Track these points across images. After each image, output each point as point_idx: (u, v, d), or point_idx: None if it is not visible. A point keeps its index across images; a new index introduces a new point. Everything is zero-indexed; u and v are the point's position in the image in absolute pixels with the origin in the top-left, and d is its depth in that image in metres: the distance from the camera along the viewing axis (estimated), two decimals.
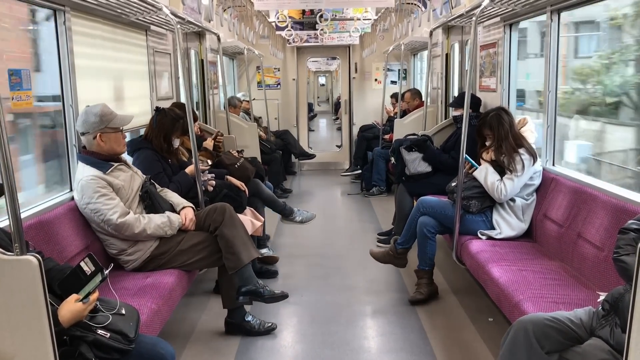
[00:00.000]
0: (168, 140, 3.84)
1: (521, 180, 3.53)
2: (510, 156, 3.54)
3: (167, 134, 3.82)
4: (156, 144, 3.80)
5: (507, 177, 3.54)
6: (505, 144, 3.60)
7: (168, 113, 3.86)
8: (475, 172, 3.69)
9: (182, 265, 3.18)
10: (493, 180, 3.57)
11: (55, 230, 2.75)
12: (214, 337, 3.41)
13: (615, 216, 2.72)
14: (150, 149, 3.77)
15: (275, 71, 9.72)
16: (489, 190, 3.59)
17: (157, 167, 3.70)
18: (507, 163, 3.55)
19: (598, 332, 2.02)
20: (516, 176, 3.51)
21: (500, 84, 4.56)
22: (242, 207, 4.08)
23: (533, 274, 2.95)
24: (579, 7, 3.60)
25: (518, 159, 3.52)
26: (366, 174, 7.59)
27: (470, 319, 3.56)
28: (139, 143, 3.86)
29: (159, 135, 3.83)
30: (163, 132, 3.82)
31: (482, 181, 3.62)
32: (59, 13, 3.14)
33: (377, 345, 3.33)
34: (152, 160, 3.71)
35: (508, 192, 3.53)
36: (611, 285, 2.38)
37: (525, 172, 3.51)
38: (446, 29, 5.99)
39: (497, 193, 3.55)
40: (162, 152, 3.82)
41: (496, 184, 3.55)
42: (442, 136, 5.13)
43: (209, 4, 5.92)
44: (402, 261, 4.02)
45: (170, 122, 3.81)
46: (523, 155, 3.52)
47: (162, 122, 3.82)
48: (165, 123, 3.82)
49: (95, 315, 2.00)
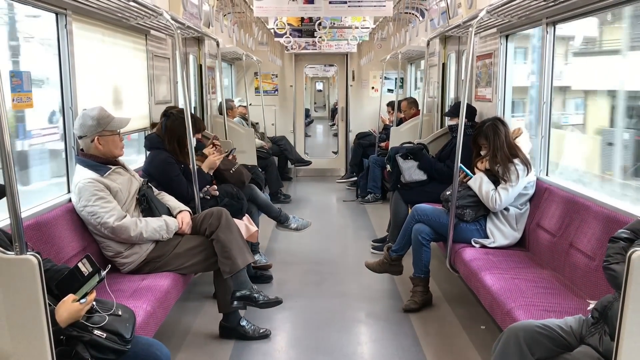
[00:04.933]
0: (182, 143, 3.87)
1: (515, 190, 3.56)
2: (505, 166, 3.58)
3: (181, 137, 3.85)
4: (170, 148, 3.83)
5: (501, 187, 3.58)
6: (500, 153, 3.63)
7: (177, 116, 3.89)
8: (470, 182, 3.73)
9: (177, 269, 3.19)
10: (487, 190, 3.60)
11: (53, 232, 2.77)
12: (208, 340, 3.42)
13: (606, 226, 2.75)
14: (166, 150, 3.81)
15: (273, 77, 9.77)
16: (484, 200, 3.62)
17: (175, 169, 3.73)
18: (501, 173, 3.58)
19: (587, 339, 2.05)
20: (510, 186, 3.55)
21: (496, 94, 4.61)
22: (242, 214, 4.11)
23: (525, 282, 2.98)
24: (575, 19, 3.66)
25: (512, 169, 3.55)
26: (362, 181, 7.62)
27: (462, 327, 3.58)
28: (157, 142, 3.88)
29: (172, 139, 3.86)
30: (176, 136, 3.86)
31: (476, 190, 3.66)
32: (61, 17, 3.17)
33: (370, 351, 3.36)
34: (169, 162, 3.75)
35: (502, 201, 3.57)
36: (602, 294, 2.41)
37: (520, 182, 3.55)
38: (443, 39, 6.05)
39: (492, 202, 3.59)
40: (176, 155, 3.86)
41: (490, 194, 3.59)
42: (437, 145, 5.17)
43: (209, 9, 5.96)
44: (397, 268, 4.04)
45: (181, 124, 3.81)
46: (517, 166, 3.56)
47: (172, 126, 3.86)
48: (175, 127, 3.85)
49: (92, 316, 2.02)
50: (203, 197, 3.89)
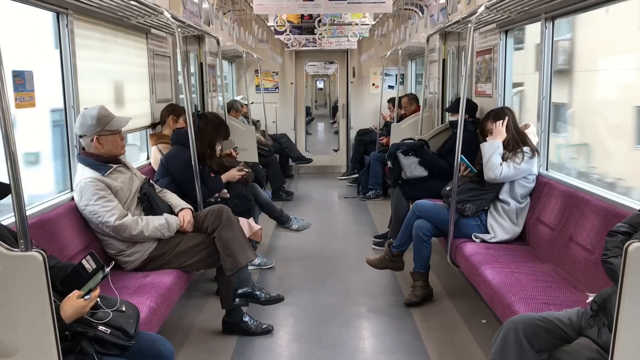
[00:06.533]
0: (212, 146, 3.93)
1: (518, 170, 3.57)
2: (513, 150, 3.62)
3: (212, 141, 3.93)
4: (199, 148, 3.83)
5: (505, 163, 3.60)
6: (508, 135, 3.68)
7: (210, 119, 3.94)
8: (486, 144, 3.71)
9: (180, 267, 3.22)
10: (496, 161, 3.59)
11: (56, 230, 2.80)
12: (211, 336, 3.45)
13: (606, 220, 2.77)
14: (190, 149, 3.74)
15: (274, 75, 9.78)
16: (487, 166, 3.62)
17: (190, 173, 3.70)
18: (509, 153, 3.62)
19: (586, 331, 2.07)
20: (514, 165, 3.57)
21: (496, 90, 4.62)
22: (250, 214, 4.14)
23: (525, 276, 3.00)
24: (573, 14, 3.67)
25: (520, 153, 3.58)
26: (363, 177, 7.64)
27: (463, 321, 3.61)
28: (184, 139, 3.78)
29: (203, 140, 3.90)
30: (207, 139, 3.92)
31: (487, 154, 3.64)
32: (62, 16, 3.19)
33: (372, 345, 3.38)
34: (189, 163, 3.69)
35: (502, 174, 3.57)
36: (601, 287, 2.43)
37: (523, 164, 3.56)
38: (443, 35, 6.05)
39: (493, 171, 3.58)
40: (204, 157, 3.89)
41: (497, 164, 3.58)
42: (438, 141, 5.18)
43: (209, 7, 5.98)
44: (398, 264, 4.06)
45: (214, 129, 3.91)
46: (526, 154, 3.59)
47: (205, 128, 3.91)
48: (208, 129, 3.92)
49: (96, 312, 2.04)
50: (214, 201, 3.92)
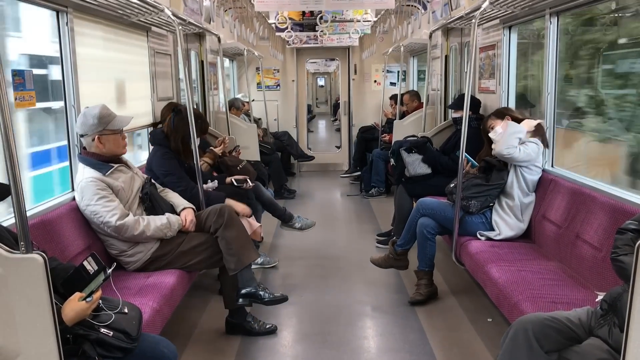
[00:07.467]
0: (185, 142, 3.83)
1: (528, 154, 3.51)
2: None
3: (185, 136, 3.80)
4: (173, 146, 3.81)
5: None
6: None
7: (184, 114, 3.85)
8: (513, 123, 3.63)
9: (183, 266, 3.19)
10: (513, 143, 3.50)
11: (58, 230, 2.77)
12: (215, 336, 3.42)
13: (613, 217, 2.74)
14: (168, 147, 3.79)
15: (275, 72, 9.74)
16: (502, 139, 3.54)
17: (172, 165, 3.71)
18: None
19: (597, 331, 2.04)
20: (524, 149, 3.52)
21: (500, 86, 4.58)
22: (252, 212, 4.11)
23: (532, 274, 2.97)
24: (578, 9, 3.63)
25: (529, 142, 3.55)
26: (365, 175, 7.61)
27: (469, 319, 3.58)
28: (161, 139, 3.84)
29: (177, 136, 3.83)
30: (181, 134, 3.83)
31: (509, 131, 3.56)
32: (62, 14, 3.16)
33: (377, 345, 3.35)
34: (169, 158, 3.72)
35: (515, 154, 3.50)
36: (609, 285, 2.40)
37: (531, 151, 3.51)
38: (445, 31, 6.01)
39: (507, 148, 3.50)
40: (178, 153, 3.84)
41: (512, 145, 3.50)
42: (441, 138, 5.15)
43: (209, 5, 5.94)
44: (403, 262, 4.03)
45: (186, 124, 3.76)
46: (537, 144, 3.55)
47: (179, 124, 3.82)
48: (181, 125, 3.81)
49: (99, 314, 2.01)
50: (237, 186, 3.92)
